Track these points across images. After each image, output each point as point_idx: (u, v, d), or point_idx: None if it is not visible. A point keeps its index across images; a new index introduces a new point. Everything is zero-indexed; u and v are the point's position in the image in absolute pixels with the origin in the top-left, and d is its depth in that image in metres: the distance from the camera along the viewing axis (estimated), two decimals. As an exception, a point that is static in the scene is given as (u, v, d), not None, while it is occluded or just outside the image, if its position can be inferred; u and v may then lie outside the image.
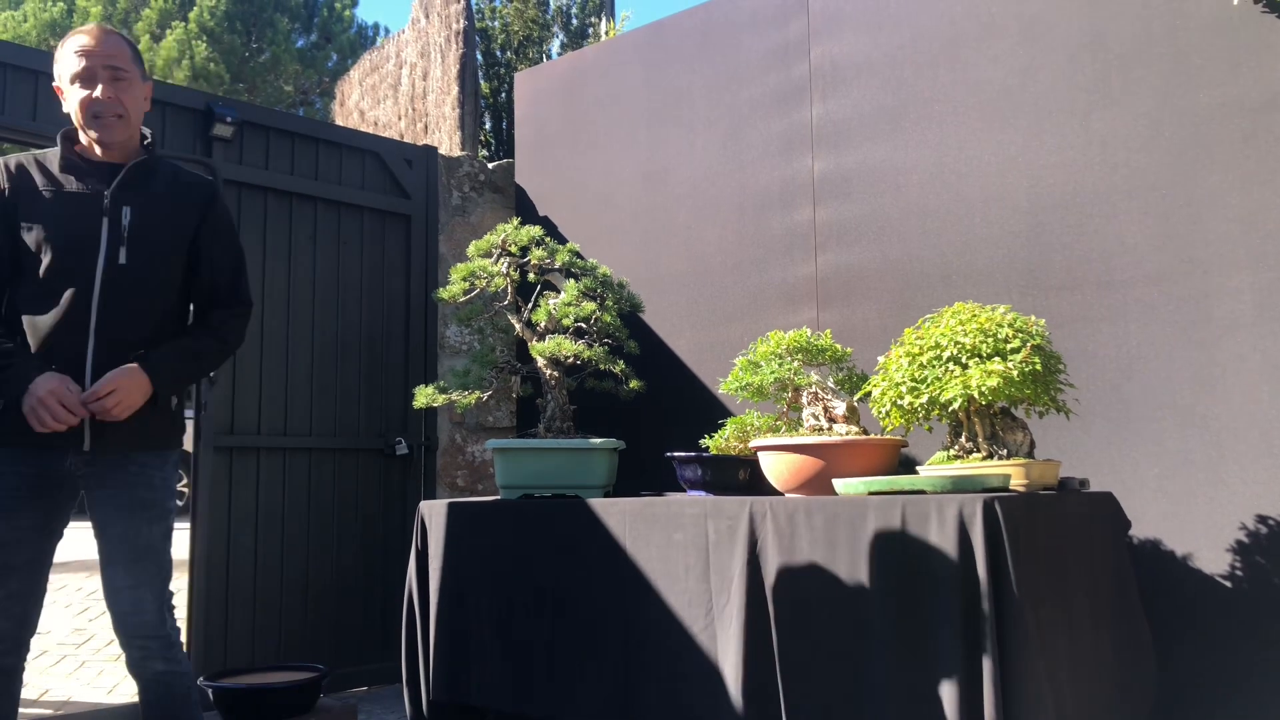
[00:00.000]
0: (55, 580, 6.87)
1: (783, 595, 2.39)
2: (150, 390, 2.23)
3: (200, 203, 2.41)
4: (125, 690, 4.10)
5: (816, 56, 3.63)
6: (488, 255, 3.29)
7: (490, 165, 4.81)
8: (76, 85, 2.26)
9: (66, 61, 2.28)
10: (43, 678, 4.32)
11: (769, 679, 2.39)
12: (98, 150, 2.31)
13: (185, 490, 12.35)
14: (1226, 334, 2.76)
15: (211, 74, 18.80)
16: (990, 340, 2.43)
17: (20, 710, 3.77)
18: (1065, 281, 3.03)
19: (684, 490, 2.95)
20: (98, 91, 2.24)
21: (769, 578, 2.42)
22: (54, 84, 2.34)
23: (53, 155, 2.32)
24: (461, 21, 5.92)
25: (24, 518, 2.20)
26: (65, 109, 2.33)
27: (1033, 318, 2.55)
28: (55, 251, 2.22)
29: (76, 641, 5.05)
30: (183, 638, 2.52)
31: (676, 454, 2.95)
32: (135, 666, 2.27)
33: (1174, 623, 2.75)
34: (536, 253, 3.22)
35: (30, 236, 2.23)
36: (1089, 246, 3.00)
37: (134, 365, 2.21)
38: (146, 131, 2.41)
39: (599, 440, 3.06)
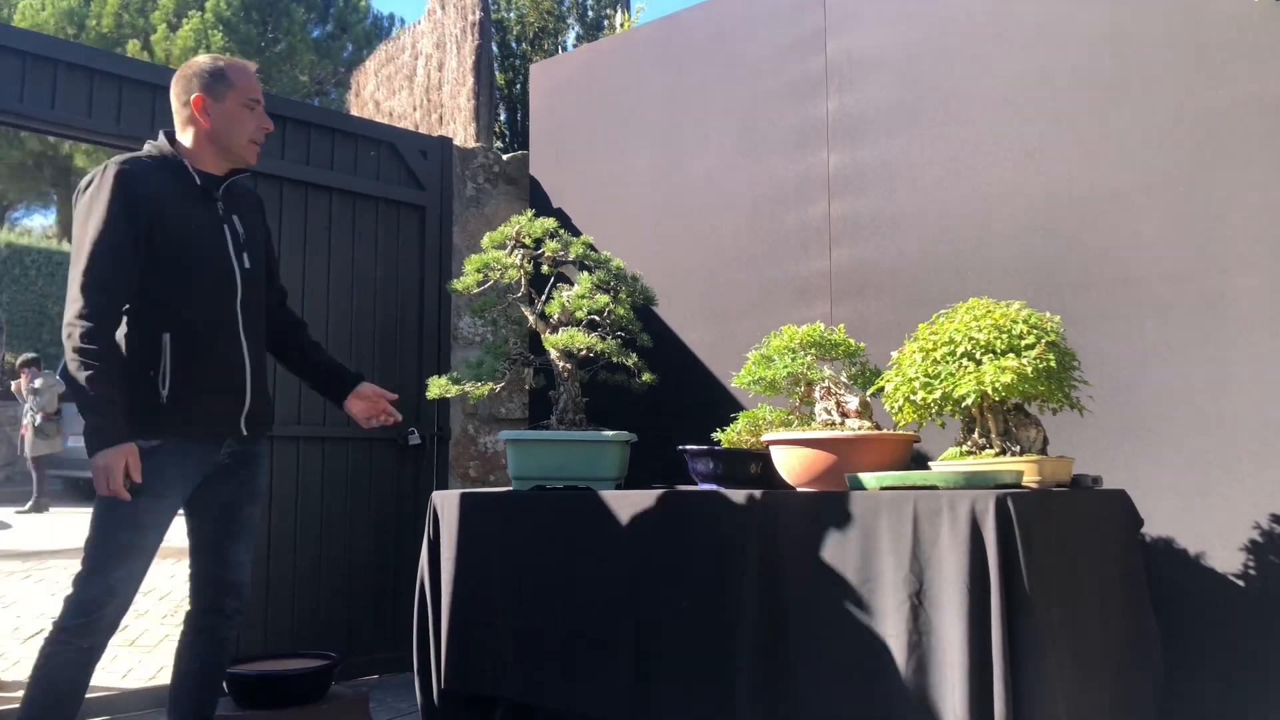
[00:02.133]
0: (70, 565, 6.92)
1: (794, 589, 2.39)
2: None
3: (261, 208, 2.69)
4: (139, 675, 4.14)
5: (833, 50, 3.62)
6: (501, 247, 3.30)
7: (505, 157, 4.82)
8: (254, 110, 2.51)
9: (248, 87, 2.52)
10: (57, 662, 4.36)
11: (780, 673, 2.40)
12: (205, 163, 2.49)
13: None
14: (1243, 333, 2.74)
15: (227, 63, 18.80)
16: (1005, 336, 2.42)
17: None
18: (1081, 278, 3.02)
19: (695, 483, 2.95)
20: (268, 122, 2.53)
21: (780, 572, 2.43)
22: (197, 95, 2.47)
23: (164, 158, 2.45)
24: (477, 13, 5.92)
25: (167, 504, 2.37)
26: (213, 123, 2.48)
27: (1047, 314, 2.54)
28: (197, 255, 2.41)
29: (91, 627, 5.09)
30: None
31: (688, 447, 2.95)
32: (209, 634, 2.53)
33: (1186, 621, 2.74)
34: (550, 245, 3.22)
35: (170, 237, 2.37)
36: (1105, 244, 2.98)
37: (366, 383, 2.79)
38: None
39: (611, 433, 3.07)
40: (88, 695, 3.62)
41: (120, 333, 2.33)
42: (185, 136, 2.52)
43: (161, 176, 2.40)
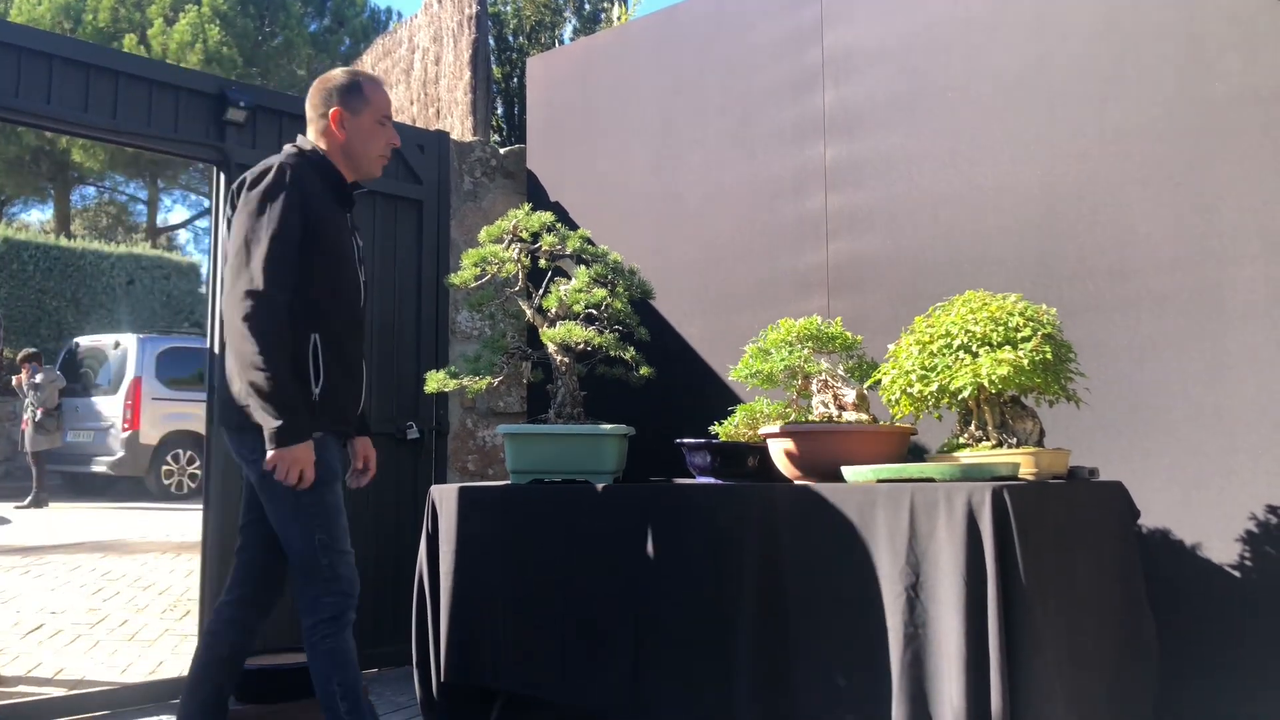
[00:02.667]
0: (70, 560, 6.95)
1: (791, 582, 2.40)
2: None
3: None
4: (139, 669, 4.15)
5: (829, 43, 3.62)
6: (499, 241, 3.30)
7: (502, 150, 4.82)
8: (385, 127, 2.61)
9: (382, 104, 2.63)
10: (56, 657, 4.37)
11: (777, 664, 2.40)
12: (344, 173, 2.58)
13: (198, 472, 12.42)
14: (1239, 324, 2.74)
15: (224, 58, 18.81)
16: (1001, 329, 2.43)
17: (34, 690, 3.83)
18: (1077, 270, 3.02)
19: (693, 477, 2.96)
20: (396, 138, 2.63)
21: (778, 565, 2.43)
22: (335, 109, 2.56)
23: (316, 162, 2.54)
24: (474, 6, 5.91)
25: (340, 483, 2.52)
26: (348, 136, 2.57)
27: (1044, 306, 2.54)
28: (341, 261, 2.51)
29: (91, 621, 5.10)
30: (194, 618, 2.62)
31: (686, 440, 2.96)
32: (243, 624, 2.61)
33: (1182, 612, 2.75)
34: (548, 239, 3.22)
35: (325, 242, 2.46)
36: (1102, 235, 2.99)
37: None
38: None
39: (609, 426, 3.07)
40: (88, 690, 3.65)
41: (305, 330, 2.47)
42: (320, 146, 2.60)
43: (320, 180, 2.50)
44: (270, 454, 2.31)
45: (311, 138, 2.60)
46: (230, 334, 2.34)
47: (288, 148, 2.57)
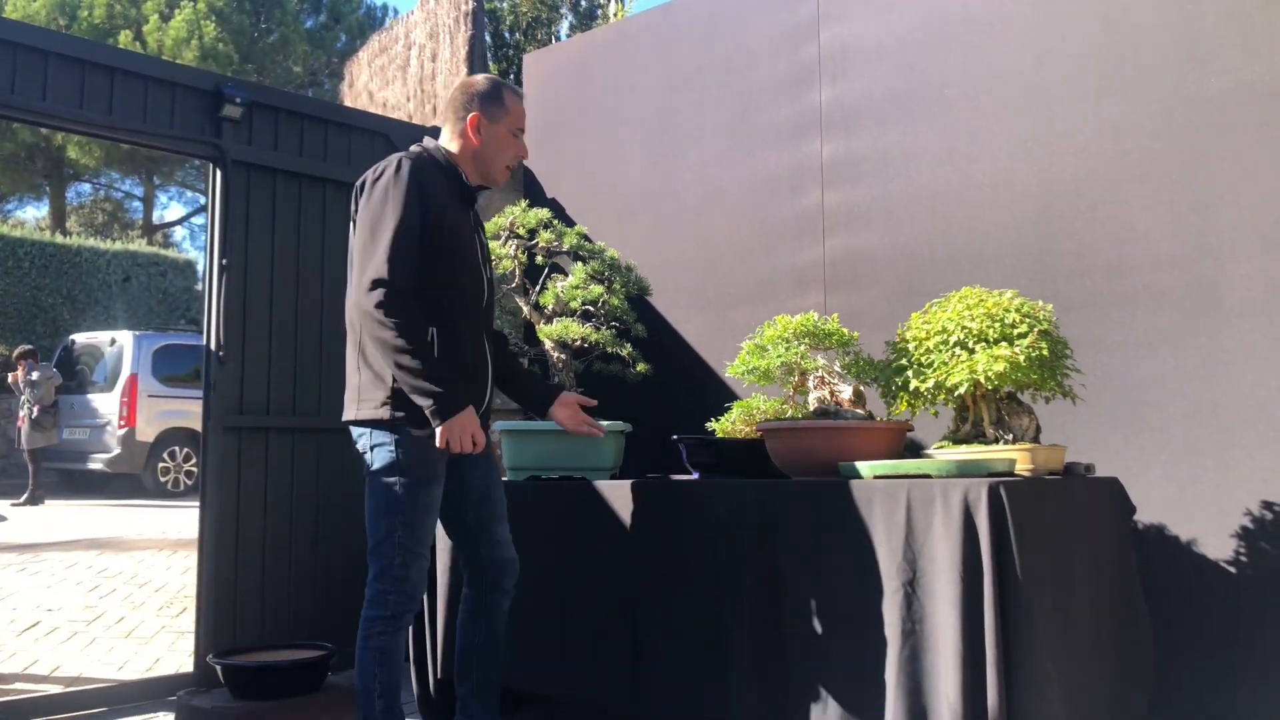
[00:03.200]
0: (66, 557, 6.94)
1: (788, 578, 2.40)
2: None
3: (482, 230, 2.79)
4: (135, 666, 4.15)
5: (826, 39, 3.62)
6: (496, 237, 3.30)
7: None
8: (518, 138, 2.64)
9: (519, 115, 2.66)
10: (53, 654, 4.37)
11: (776, 660, 2.41)
12: (465, 176, 2.61)
13: (194, 470, 12.41)
14: (1236, 321, 2.75)
15: (220, 54, 18.77)
16: (997, 325, 2.43)
17: (30, 687, 3.82)
18: (1074, 267, 3.02)
19: (690, 473, 2.96)
20: (525, 151, 2.66)
21: (775, 561, 2.44)
22: (475, 114, 2.59)
23: (442, 162, 2.57)
24: (470, 3, 5.91)
25: (439, 489, 2.53)
26: (483, 142, 2.61)
27: (1040, 303, 2.54)
28: (463, 258, 2.54)
29: (88, 618, 5.10)
30: (190, 615, 2.62)
31: (683, 437, 2.96)
32: (492, 609, 2.68)
33: (1177, 608, 2.76)
34: (544, 235, 3.22)
35: (446, 238, 2.49)
36: (1099, 232, 2.99)
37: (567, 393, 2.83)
38: None
39: (606, 423, 3.07)
40: (81, 687, 3.64)
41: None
42: (451, 146, 2.63)
43: (441, 178, 2.54)
44: (439, 430, 2.38)
45: (444, 138, 2.65)
46: (366, 324, 2.38)
47: (413, 148, 2.62)
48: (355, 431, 2.54)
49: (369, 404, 2.47)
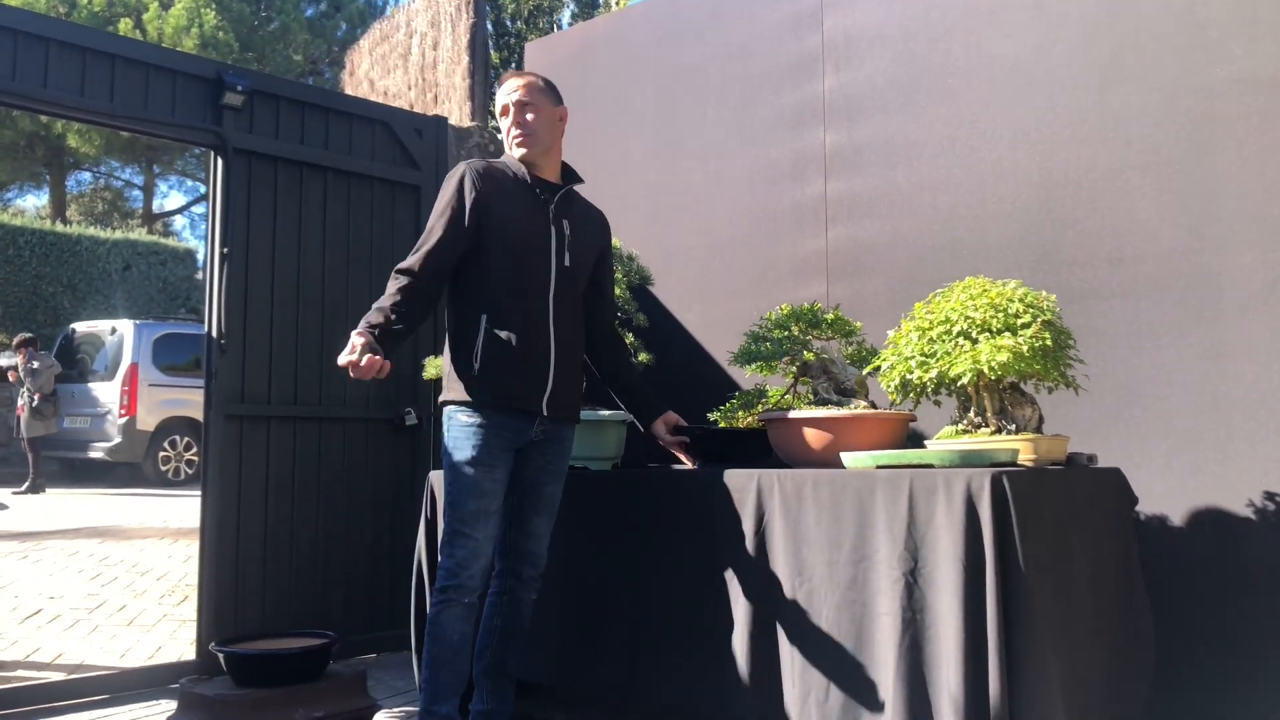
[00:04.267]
0: (67, 546, 6.96)
1: (788, 568, 2.40)
2: None
3: (604, 230, 2.91)
4: (138, 654, 4.16)
5: (829, 28, 3.61)
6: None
7: (500, 136, 4.80)
8: (505, 116, 2.76)
9: (499, 95, 2.82)
10: (55, 642, 4.38)
11: (775, 652, 2.41)
12: (540, 169, 2.74)
13: (195, 458, 12.44)
14: (1238, 311, 2.74)
15: (221, 42, 18.73)
16: (1000, 315, 2.42)
17: (33, 674, 3.84)
18: (1076, 257, 3.02)
19: (699, 463, 2.95)
20: (517, 124, 2.73)
21: (775, 550, 2.44)
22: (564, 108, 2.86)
23: (505, 162, 2.75)
24: (472, -9, 5.88)
25: (500, 473, 2.62)
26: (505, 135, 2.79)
27: (1044, 293, 2.54)
28: (519, 248, 2.63)
29: (89, 606, 5.11)
30: (192, 604, 2.63)
31: (684, 426, 2.96)
32: (509, 595, 2.75)
33: (1178, 598, 2.76)
34: (546, 224, 3.21)
35: (498, 232, 2.62)
36: (1101, 222, 2.98)
37: (673, 413, 2.90)
38: (569, 167, 2.85)
39: (608, 412, 3.07)
40: (84, 675, 3.65)
41: (449, 313, 2.71)
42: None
43: (506, 176, 2.70)
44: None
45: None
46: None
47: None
48: None
49: (444, 390, 2.69)
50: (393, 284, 2.61)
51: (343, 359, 2.43)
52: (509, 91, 2.76)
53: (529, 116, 2.71)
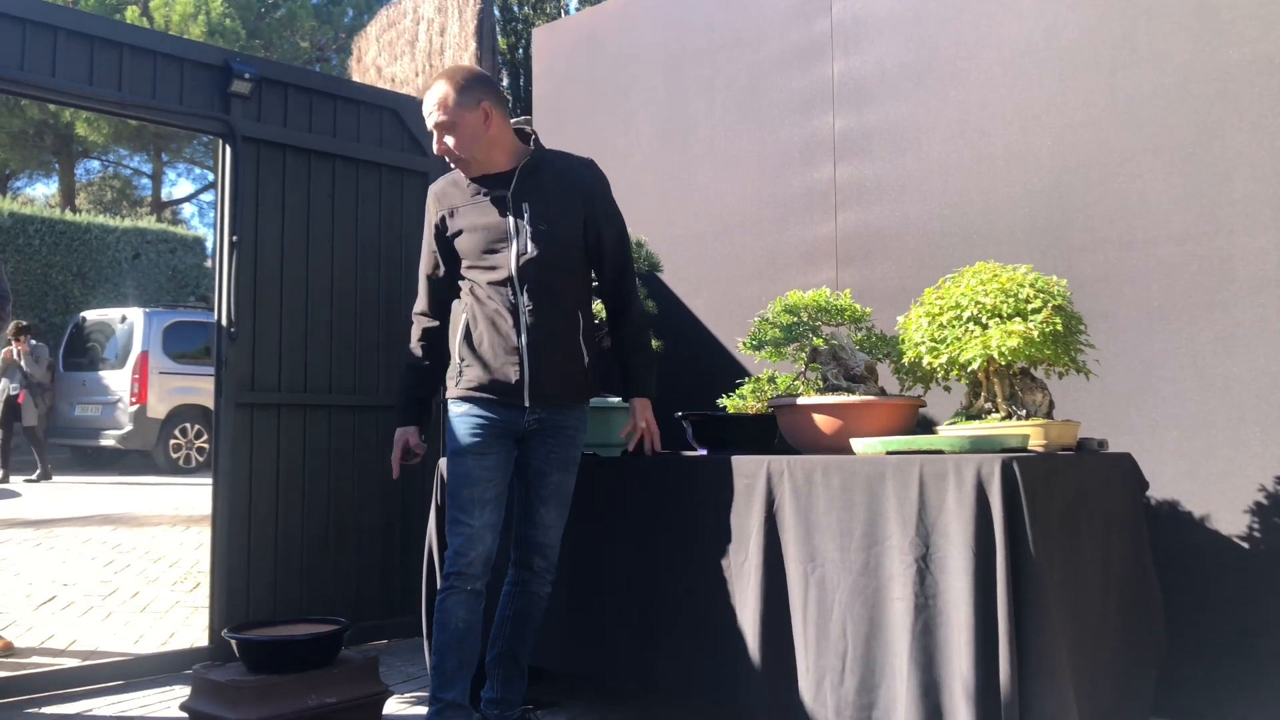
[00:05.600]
0: (81, 533, 7.00)
1: (800, 554, 2.41)
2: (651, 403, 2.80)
3: (585, 180, 2.75)
4: (151, 641, 4.18)
5: (839, 11, 3.58)
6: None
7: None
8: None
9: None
10: (70, 628, 4.41)
11: (786, 638, 2.42)
12: (488, 167, 2.69)
13: (205, 445, 12.50)
14: (1250, 295, 2.73)
15: (227, 29, 18.72)
16: (1011, 300, 2.42)
17: (48, 660, 3.87)
18: (1087, 241, 3.01)
19: (702, 450, 2.96)
20: (435, 148, 2.70)
21: (786, 536, 2.44)
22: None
23: (454, 171, 2.75)
24: (479, -24, 5.86)
25: (492, 460, 2.64)
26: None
27: (1054, 278, 2.53)
28: (481, 250, 2.66)
29: (103, 593, 5.14)
30: (204, 590, 2.66)
31: (695, 413, 2.96)
32: (521, 586, 2.78)
33: (1189, 583, 2.76)
34: (555, 211, 3.20)
35: (460, 245, 2.70)
36: (1112, 206, 2.97)
37: (639, 400, 2.77)
38: (528, 130, 2.77)
39: (617, 399, 3.07)
40: (98, 661, 3.68)
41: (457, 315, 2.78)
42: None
43: (454, 189, 2.75)
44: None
45: None
46: None
47: None
48: None
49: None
50: (414, 329, 2.84)
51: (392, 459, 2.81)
52: (426, 113, 2.69)
53: (450, 141, 2.65)
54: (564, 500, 2.78)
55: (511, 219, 2.66)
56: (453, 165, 2.72)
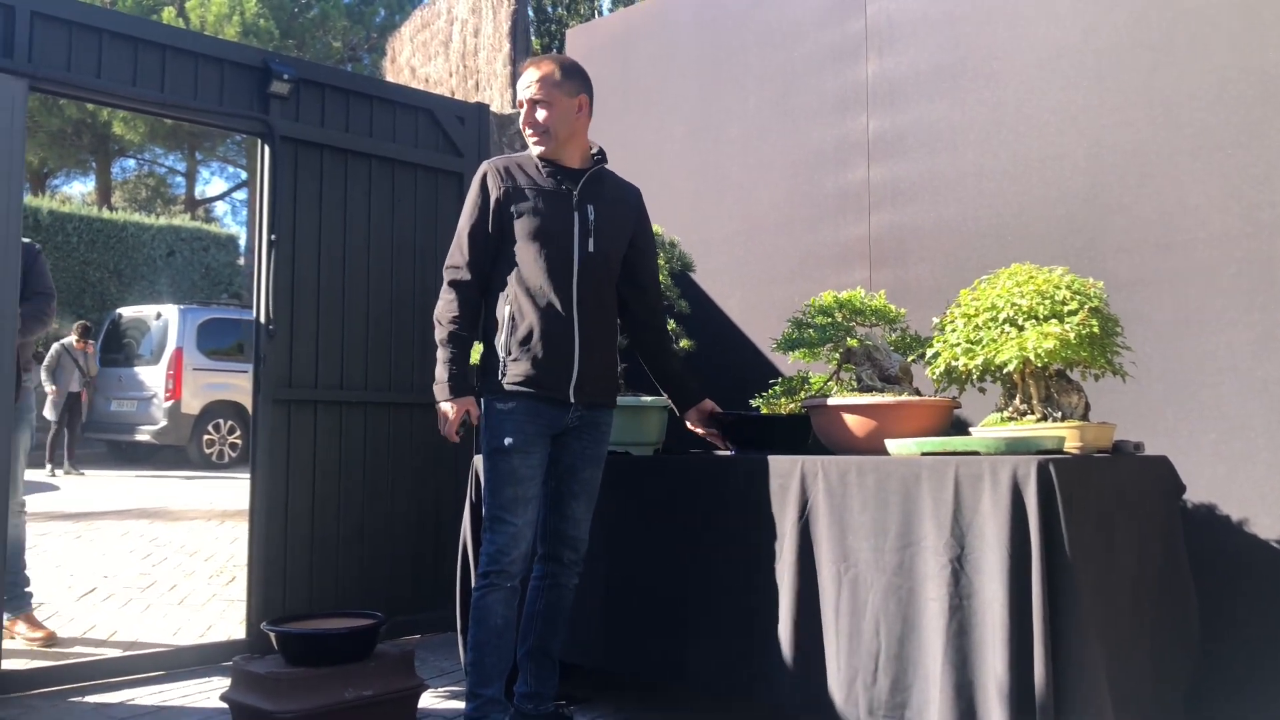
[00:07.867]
0: (119, 527, 7.11)
1: (833, 554, 2.41)
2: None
3: (636, 208, 2.89)
4: (189, 632, 4.25)
5: (873, 12, 3.58)
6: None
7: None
8: (522, 108, 2.75)
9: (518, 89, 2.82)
10: (111, 619, 4.49)
11: (819, 637, 2.43)
12: (561, 158, 2.76)
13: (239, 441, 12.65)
14: (1290, 298, 2.70)
15: (261, 30, 18.90)
16: (1047, 302, 2.41)
17: (91, 650, 3.94)
18: (1124, 243, 2.99)
19: (735, 449, 2.97)
20: (529, 119, 2.73)
21: (820, 537, 2.45)
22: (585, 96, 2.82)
23: (530, 157, 2.77)
24: (512, -23, 5.90)
25: (536, 458, 2.67)
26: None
27: (1090, 279, 2.52)
28: (540, 239, 2.67)
29: (142, 585, 5.23)
30: (240, 584, 2.70)
31: (729, 413, 2.97)
32: (551, 580, 2.81)
33: (1225, 588, 2.74)
34: (590, 211, 3.22)
35: (520, 226, 2.68)
36: (1149, 208, 2.95)
37: (709, 400, 2.96)
38: (596, 146, 2.86)
39: (650, 398, 3.09)
40: (139, 651, 3.75)
41: (494, 306, 2.74)
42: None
43: (519, 170, 2.75)
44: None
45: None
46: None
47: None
48: None
49: (480, 379, 2.77)
50: (447, 291, 2.74)
51: (447, 430, 2.73)
52: (523, 87, 2.75)
53: (540, 115, 2.71)
54: (593, 495, 2.82)
55: (577, 215, 2.71)
56: (530, 139, 2.74)
